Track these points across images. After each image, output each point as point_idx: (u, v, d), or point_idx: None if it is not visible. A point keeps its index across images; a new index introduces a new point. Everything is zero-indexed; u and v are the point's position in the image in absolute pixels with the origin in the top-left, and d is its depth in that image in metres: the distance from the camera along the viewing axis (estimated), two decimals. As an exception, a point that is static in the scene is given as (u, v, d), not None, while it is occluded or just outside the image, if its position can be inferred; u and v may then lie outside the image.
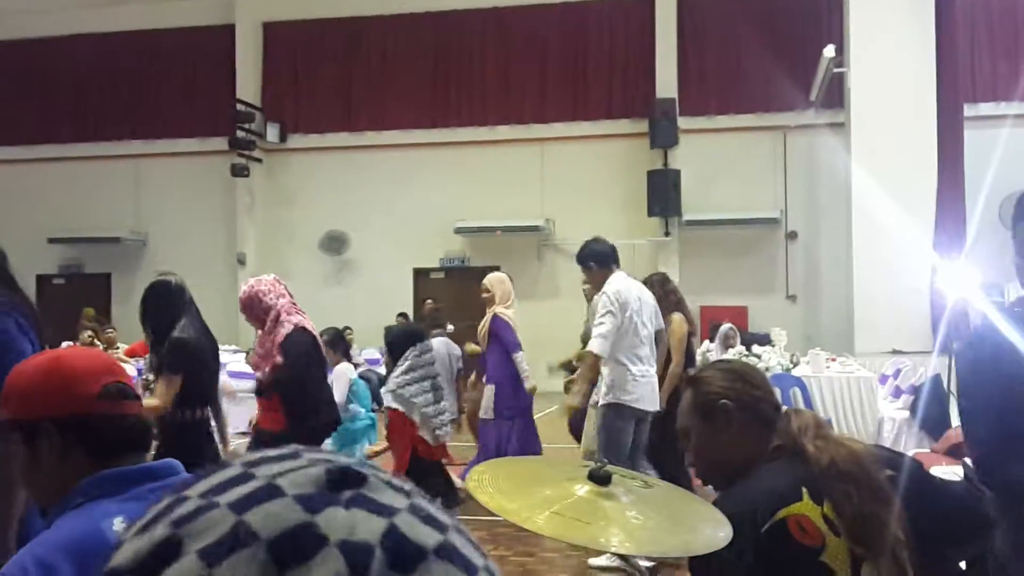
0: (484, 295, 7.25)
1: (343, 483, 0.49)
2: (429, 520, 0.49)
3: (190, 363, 4.69)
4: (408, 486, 0.52)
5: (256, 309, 5.17)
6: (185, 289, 4.91)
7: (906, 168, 12.12)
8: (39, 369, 1.79)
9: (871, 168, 12.26)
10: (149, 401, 4.47)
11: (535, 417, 7.35)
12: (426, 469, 5.16)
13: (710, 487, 2.27)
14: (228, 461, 0.53)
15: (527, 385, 7.09)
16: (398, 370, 5.45)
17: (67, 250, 18.68)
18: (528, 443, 7.01)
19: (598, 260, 6.07)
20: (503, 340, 7.09)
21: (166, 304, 4.79)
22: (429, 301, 10.24)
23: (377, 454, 6.76)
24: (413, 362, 5.41)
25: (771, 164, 16.62)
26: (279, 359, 5.06)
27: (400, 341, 5.54)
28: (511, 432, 6.99)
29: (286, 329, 5.11)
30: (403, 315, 7.99)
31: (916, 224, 11.89)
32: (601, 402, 5.78)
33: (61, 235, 18.21)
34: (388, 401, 5.36)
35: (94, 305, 14.58)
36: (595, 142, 17.12)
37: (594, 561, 5.62)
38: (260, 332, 5.25)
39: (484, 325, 7.15)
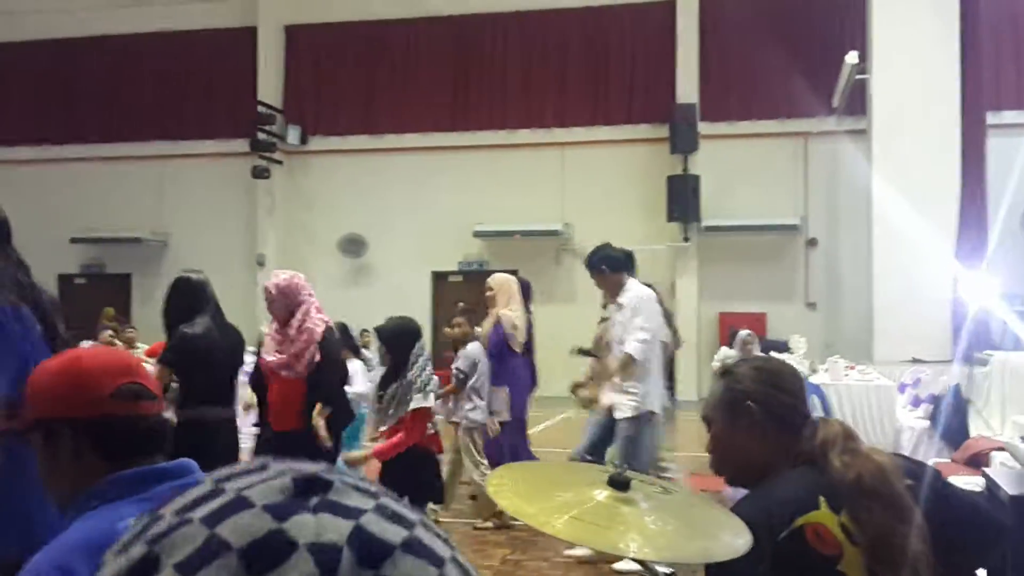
0: (487, 293, 7.22)
1: (309, 490, 0.51)
2: (395, 518, 0.51)
3: (187, 359, 4.76)
4: (375, 488, 0.53)
5: (291, 301, 5.21)
6: (207, 286, 4.99)
7: (928, 176, 12.05)
8: (54, 371, 1.80)
9: (893, 175, 12.19)
10: None
11: (547, 424, 7.34)
12: (422, 458, 5.15)
13: (727, 491, 2.26)
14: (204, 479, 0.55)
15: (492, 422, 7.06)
16: (416, 369, 5.43)
17: (89, 250, 18.81)
18: (521, 450, 7.02)
19: (611, 264, 6.09)
20: (491, 344, 7.07)
21: (186, 300, 4.88)
22: (461, 304, 10.24)
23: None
24: (422, 362, 5.40)
25: (792, 170, 16.57)
26: (318, 357, 5.13)
27: (398, 337, 5.52)
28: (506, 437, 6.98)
29: (321, 327, 5.18)
30: (469, 311, 7.91)
31: (937, 232, 11.81)
32: (630, 414, 5.78)
33: (83, 235, 18.35)
34: (419, 401, 5.34)
35: (115, 305, 14.66)
36: (615, 147, 17.11)
37: (618, 565, 5.62)
38: (275, 326, 5.25)
39: (487, 326, 7.09)
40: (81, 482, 1.71)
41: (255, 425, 5.51)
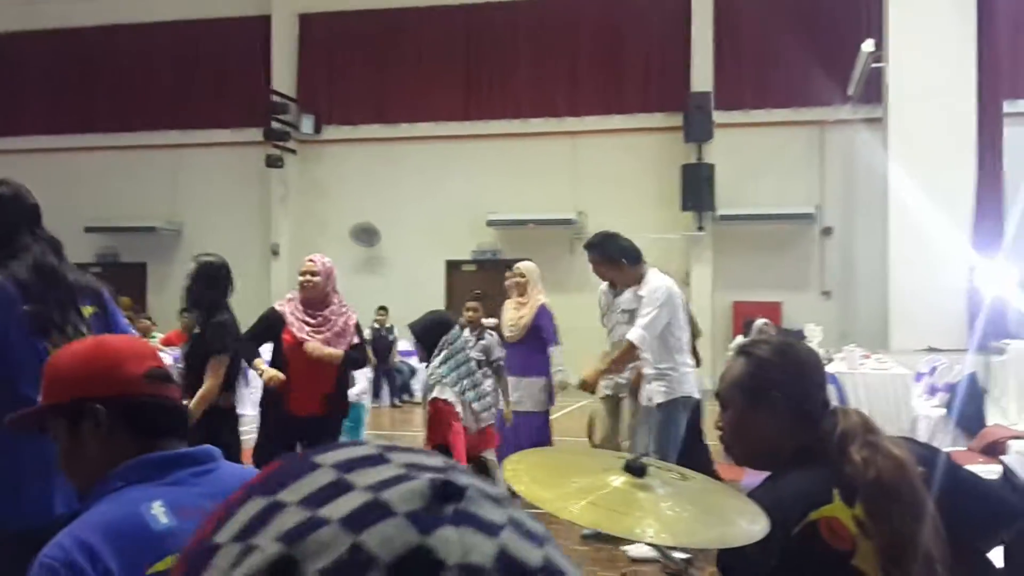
0: (518, 279, 7.11)
1: (446, 497, 0.49)
2: (530, 535, 0.50)
3: (232, 346, 4.85)
4: (499, 493, 0.52)
5: (332, 283, 5.30)
6: (228, 270, 5.06)
7: (944, 164, 11.97)
8: (84, 352, 1.80)
9: (909, 164, 12.11)
10: (203, 388, 4.66)
11: (565, 412, 7.32)
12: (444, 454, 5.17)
13: (745, 480, 2.25)
14: (306, 458, 0.53)
15: (558, 379, 7.04)
16: (436, 360, 5.43)
17: (104, 239, 18.89)
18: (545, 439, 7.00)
19: (631, 257, 6.07)
20: (547, 332, 7.03)
21: (211, 285, 4.92)
22: (477, 292, 10.24)
23: None
24: (449, 351, 5.38)
25: (807, 159, 16.49)
26: (355, 340, 5.22)
27: (430, 331, 5.50)
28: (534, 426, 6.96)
29: (355, 313, 5.30)
30: (482, 296, 7.88)
31: (954, 221, 11.74)
32: (657, 400, 5.77)
33: (98, 224, 18.41)
34: (436, 392, 5.34)
35: (130, 294, 14.71)
36: (628, 135, 17.05)
37: (632, 551, 5.62)
38: (301, 307, 5.25)
39: (528, 314, 6.98)
40: (106, 463, 1.71)
41: (261, 406, 5.48)
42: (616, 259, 6.10)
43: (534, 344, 6.93)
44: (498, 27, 17.67)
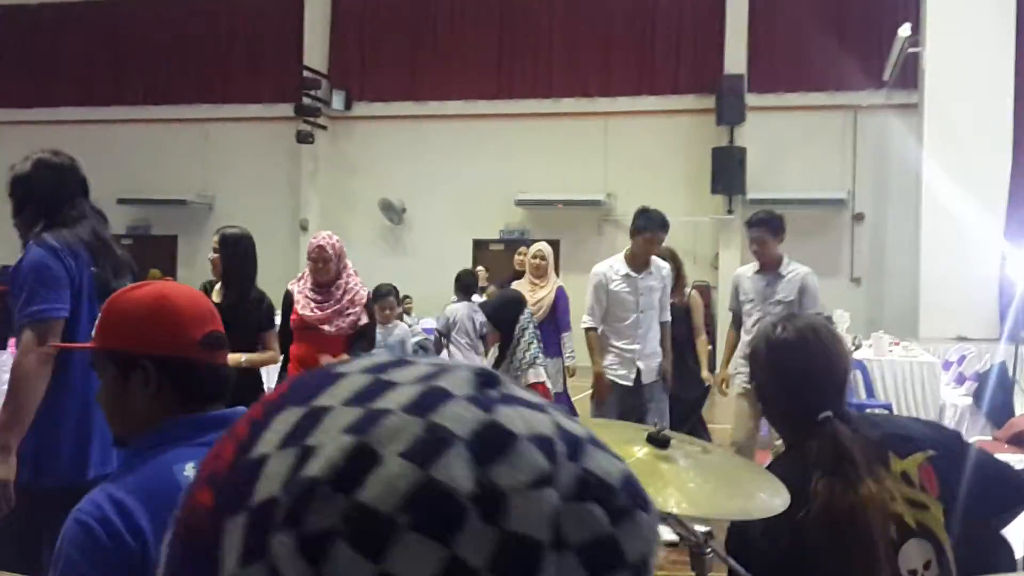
0: (538, 262, 7.09)
1: (489, 383, 0.51)
2: (567, 414, 0.53)
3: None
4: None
5: (342, 261, 5.27)
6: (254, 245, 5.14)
7: (979, 151, 11.81)
8: (146, 305, 1.78)
9: (943, 151, 11.98)
10: (265, 355, 4.78)
11: (584, 395, 7.29)
12: None
13: None
14: (326, 370, 0.53)
15: (569, 364, 7.00)
16: (523, 342, 5.36)
17: (136, 211, 19.01)
18: None
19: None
20: (563, 316, 7.03)
21: (248, 258, 4.97)
22: (480, 268, 10.18)
23: None
24: (532, 331, 5.32)
25: (840, 144, 16.32)
26: (365, 319, 5.21)
27: (501, 310, 5.41)
28: None
29: (364, 290, 5.27)
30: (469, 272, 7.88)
31: (987, 209, 11.61)
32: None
33: (130, 196, 18.53)
34: (533, 377, 5.31)
35: (161, 266, 14.82)
36: (660, 117, 16.95)
37: None
38: (309, 284, 5.27)
39: (548, 295, 6.97)
40: (148, 419, 1.73)
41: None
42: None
43: (550, 326, 6.93)
44: (532, 6, 17.57)
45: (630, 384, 6.06)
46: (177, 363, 1.74)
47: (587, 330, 6.13)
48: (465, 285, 7.47)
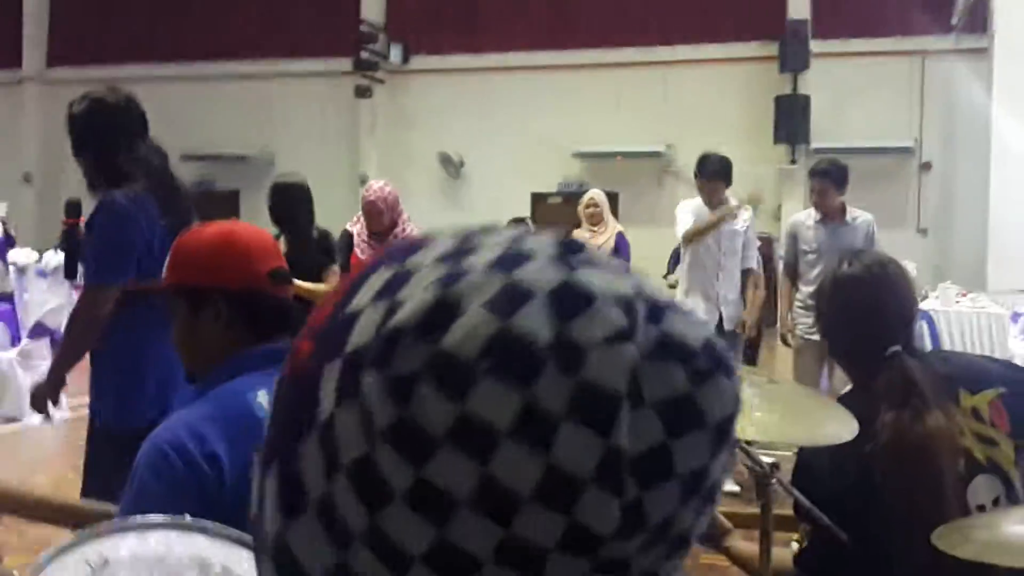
0: (592, 209, 7.01)
1: (571, 249, 0.52)
2: (651, 282, 0.54)
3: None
4: None
5: (395, 211, 5.28)
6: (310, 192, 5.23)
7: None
8: (216, 241, 1.83)
9: (1013, 97, 11.64)
10: (326, 287, 4.82)
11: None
12: None
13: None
14: (415, 240, 0.56)
15: None
16: None
17: (198, 168, 19.24)
18: None
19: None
20: (625, 257, 6.98)
21: (306, 203, 5.03)
22: (528, 219, 10.14)
23: None
24: None
25: (907, 91, 15.90)
26: None
27: None
28: None
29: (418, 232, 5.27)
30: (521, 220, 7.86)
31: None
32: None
33: (193, 152, 18.76)
34: None
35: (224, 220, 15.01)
36: (720, 65, 16.65)
37: None
38: (365, 234, 5.29)
39: (609, 241, 6.89)
40: (219, 352, 1.76)
41: None
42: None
43: None
44: (590, -46, 17.32)
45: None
46: (246, 296, 1.77)
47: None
48: None
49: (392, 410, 0.48)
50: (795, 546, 1.97)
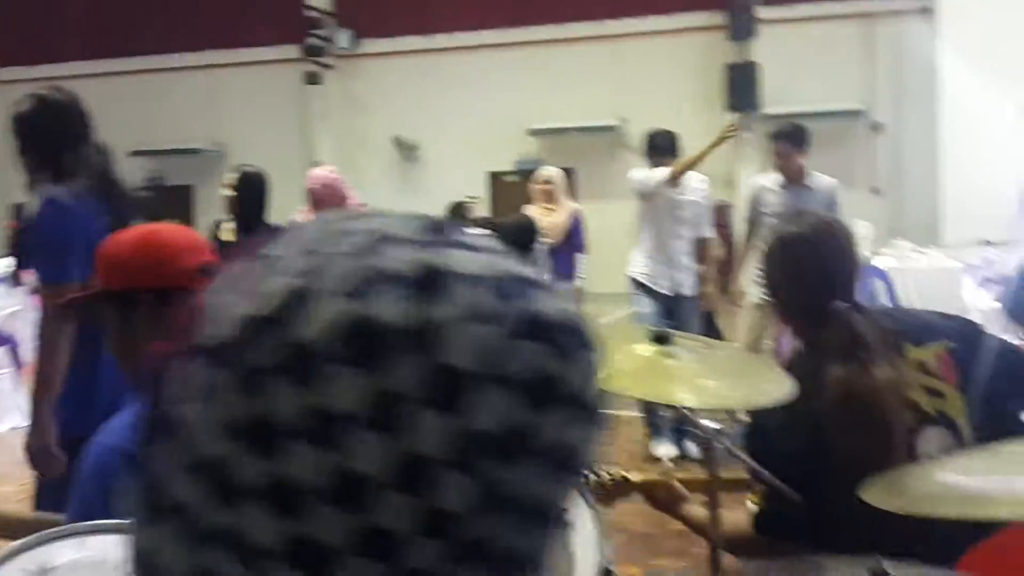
0: (544, 187, 6.86)
1: (437, 229, 0.53)
2: (520, 260, 0.55)
3: None
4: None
5: (338, 194, 5.17)
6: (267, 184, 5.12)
7: (998, 52, 11.58)
8: (137, 243, 1.80)
9: (960, 54, 11.75)
10: None
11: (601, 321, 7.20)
12: None
13: None
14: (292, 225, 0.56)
15: (578, 286, 6.90)
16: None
17: (149, 163, 19.00)
18: None
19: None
20: (579, 239, 6.94)
21: (260, 195, 4.95)
22: (471, 197, 10.06)
23: None
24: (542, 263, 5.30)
25: (856, 54, 16.01)
26: None
27: (520, 234, 5.34)
28: None
29: None
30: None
31: (1007, 111, 11.41)
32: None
33: (142, 148, 18.51)
34: None
35: (179, 216, 14.82)
36: (669, 37, 16.68)
37: (660, 450, 5.67)
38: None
39: (564, 220, 6.79)
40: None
41: None
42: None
43: (565, 250, 6.82)
44: (534, -70, 17.24)
45: (669, 294, 6.09)
46: (176, 295, 1.73)
47: None
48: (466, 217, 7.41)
49: (245, 405, 0.47)
50: (751, 506, 1.98)
